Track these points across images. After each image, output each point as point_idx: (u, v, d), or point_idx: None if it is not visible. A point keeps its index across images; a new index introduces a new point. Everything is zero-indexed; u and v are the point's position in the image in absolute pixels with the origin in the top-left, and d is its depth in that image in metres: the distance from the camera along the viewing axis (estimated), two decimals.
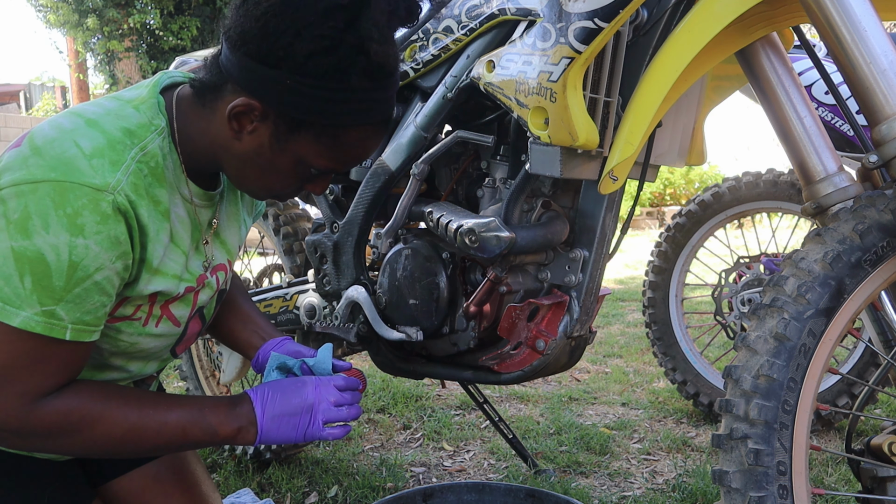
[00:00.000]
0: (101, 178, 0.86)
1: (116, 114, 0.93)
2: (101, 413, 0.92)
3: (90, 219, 0.85)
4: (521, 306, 1.33)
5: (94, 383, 0.96)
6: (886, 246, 0.95)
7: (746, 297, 2.34)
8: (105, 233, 0.86)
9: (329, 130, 0.93)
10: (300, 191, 1.03)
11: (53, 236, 0.83)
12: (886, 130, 1.00)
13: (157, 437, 0.95)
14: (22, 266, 0.83)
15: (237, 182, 1.02)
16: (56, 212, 0.83)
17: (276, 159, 0.95)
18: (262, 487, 1.97)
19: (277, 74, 0.88)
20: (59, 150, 0.86)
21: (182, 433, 0.96)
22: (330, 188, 1.61)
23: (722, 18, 1.09)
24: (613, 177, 1.20)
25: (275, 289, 1.82)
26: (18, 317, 0.83)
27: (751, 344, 0.97)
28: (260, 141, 0.94)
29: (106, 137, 0.89)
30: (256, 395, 1.01)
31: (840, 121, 2.06)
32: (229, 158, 0.98)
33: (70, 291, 0.85)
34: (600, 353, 3.49)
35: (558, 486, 1.91)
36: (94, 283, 0.87)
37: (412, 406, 2.63)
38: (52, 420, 0.89)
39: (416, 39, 1.42)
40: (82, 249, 0.84)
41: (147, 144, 0.93)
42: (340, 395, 1.04)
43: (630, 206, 1.76)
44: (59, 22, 10.79)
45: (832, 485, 1.91)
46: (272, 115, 0.92)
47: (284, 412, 1.00)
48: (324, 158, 0.96)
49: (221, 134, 0.96)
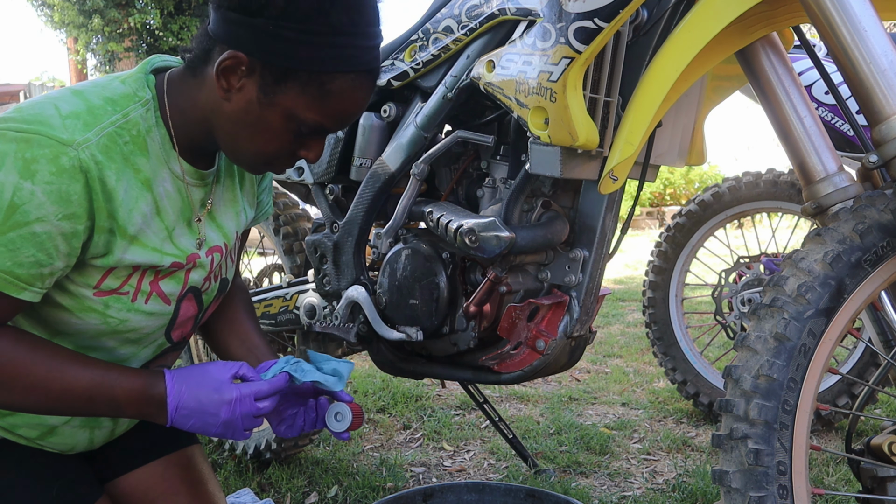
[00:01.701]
0: (70, 134, 0.88)
1: (103, 86, 0.96)
2: (7, 360, 0.90)
3: (45, 168, 0.85)
4: (521, 306, 1.33)
5: (17, 331, 0.94)
6: (886, 246, 0.95)
7: (746, 297, 2.34)
8: (56, 185, 0.86)
9: (314, 78, 0.93)
10: (294, 157, 1.03)
11: (3, 174, 0.84)
12: (886, 130, 1.00)
13: (57, 400, 0.93)
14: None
15: (230, 150, 1.02)
16: (14, 155, 0.85)
17: (265, 116, 0.96)
18: (262, 487, 1.97)
19: (260, 22, 0.90)
20: (37, 109, 0.89)
21: (88, 401, 0.95)
22: (330, 188, 1.61)
23: (722, 18, 1.09)
24: (613, 177, 1.20)
25: (275, 289, 1.82)
26: None
27: (751, 344, 0.97)
28: (248, 97, 0.95)
29: (87, 104, 0.92)
30: (173, 387, 0.98)
31: (840, 121, 2.06)
32: (221, 123, 0.98)
33: (3, 234, 0.85)
34: (600, 353, 3.49)
35: (558, 486, 1.91)
36: (30, 233, 0.86)
37: (412, 406, 2.63)
38: None
39: (416, 39, 1.42)
40: (27, 194, 0.85)
41: (129, 113, 0.95)
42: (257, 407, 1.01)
43: (630, 206, 1.76)
44: (62, 22, 10.80)
45: (832, 485, 1.91)
46: (258, 67, 0.93)
47: (198, 410, 0.98)
48: (312, 111, 0.96)
49: (212, 98, 0.97)
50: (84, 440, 1.11)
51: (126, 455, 1.21)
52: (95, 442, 1.13)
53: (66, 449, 1.10)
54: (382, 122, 1.51)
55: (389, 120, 1.50)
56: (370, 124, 1.51)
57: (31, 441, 1.06)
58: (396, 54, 1.47)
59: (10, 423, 1.03)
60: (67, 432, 1.07)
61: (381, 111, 1.51)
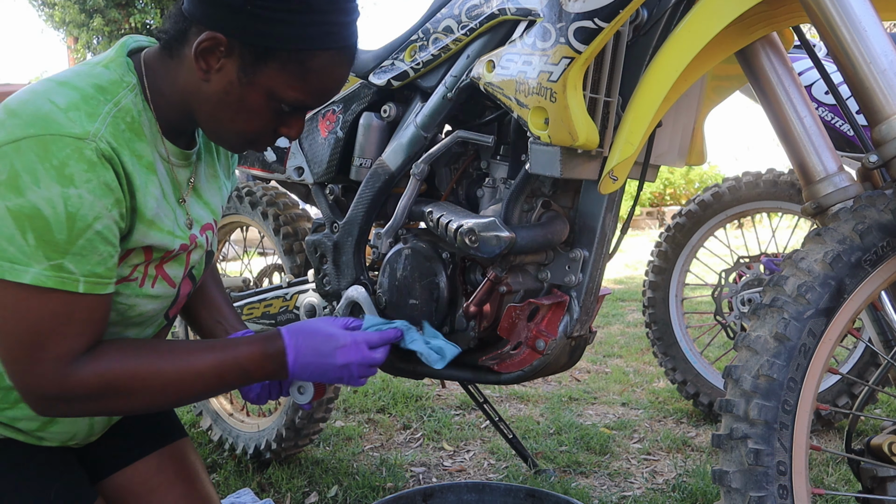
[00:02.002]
0: (80, 127, 0.87)
1: (87, 73, 0.95)
2: (137, 370, 0.94)
3: (77, 168, 0.85)
4: (521, 306, 1.33)
5: (123, 341, 0.99)
6: (886, 246, 0.95)
7: (746, 297, 2.34)
8: (95, 180, 0.87)
9: (294, 56, 0.94)
10: (275, 135, 1.03)
11: (45, 189, 0.84)
12: (886, 130, 1.00)
13: (192, 388, 0.99)
14: (21, 224, 0.84)
15: (211, 131, 1.02)
16: (42, 165, 0.84)
17: (246, 95, 0.96)
18: (262, 487, 1.97)
19: (238, 3, 0.90)
20: (33, 108, 0.87)
21: (219, 379, 1.00)
22: (330, 188, 1.61)
23: (722, 18, 1.09)
24: (613, 177, 1.20)
25: (275, 289, 1.82)
26: (28, 274, 0.84)
27: (751, 344, 0.97)
28: (228, 78, 0.95)
29: (79, 93, 0.91)
30: (290, 341, 1.04)
31: (840, 121, 2.06)
32: (201, 104, 0.98)
33: (73, 244, 0.86)
34: (600, 353, 3.49)
35: (558, 486, 1.91)
36: (96, 234, 0.88)
37: (412, 406, 2.63)
38: (91, 382, 0.91)
39: (416, 39, 1.42)
40: (76, 199, 0.85)
41: (120, 100, 0.94)
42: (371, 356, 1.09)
43: (630, 206, 1.76)
44: (63, 21, 10.80)
45: (832, 485, 1.91)
46: (237, 47, 0.93)
47: (315, 358, 1.05)
48: (292, 89, 0.96)
49: (191, 80, 0.97)
50: (84, 427, 1.11)
51: (119, 451, 1.22)
52: (95, 429, 1.14)
53: (66, 439, 1.10)
54: (382, 122, 1.51)
55: (389, 120, 1.50)
56: (370, 124, 1.51)
57: (31, 434, 1.06)
58: (396, 54, 1.47)
59: (11, 417, 1.03)
60: (67, 419, 1.08)
61: (381, 111, 1.51)
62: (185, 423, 2.44)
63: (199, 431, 2.36)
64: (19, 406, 1.02)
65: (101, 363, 0.92)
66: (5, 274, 0.84)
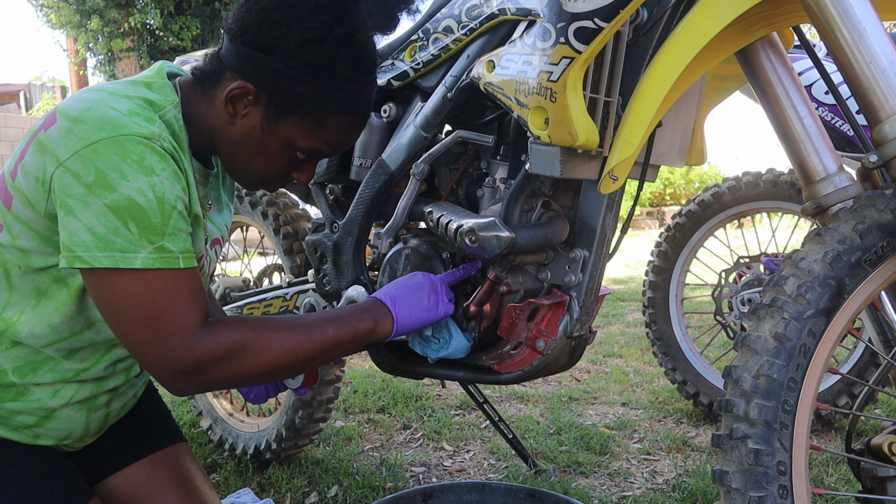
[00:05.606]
0: (146, 129, 0.96)
1: (133, 89, 1.03)
2: (257, 330, 1.01)
3: (153, 159, 0.94)
4: (521, 306, 1.33)
5: (236, 317, 1.06)
6: (886, 246, 0.95)
7: (746, 297, 2.34)
8: (168, 168, 0.96)
9: (313, 114, 1.04)
10: (287, 179, 1.13)
11: (134, 181, 0.92)
12: (886, 130, 1.00)
13: (322, 349, 1.06)
14: (122, 216, 0.92)
15: (229, 166, 1.11)
16: (125, 161, 0.92)
17: (265, 141, 1.06)
18: (262, 487, 1.97)
19: (271, 60, 1.00)
20: (98, 113, 0.94)
21: (334, 345, 1.08)
22: (330, 188, 1.61)
23: (722, 18, 1.09)
24: (613, 177, 1.20)
25: (275, 289, 1.82)
26: (138, 259, 0.93)
27: (751, 344, 0.97)
28: (252, 124, 1.05)
29: (133, 103, 0.99)
30: (386, 297, 1.17)
31: (840, 121, 2.06)
32: (224, 142, 1.08)
33: (167, 225, 0.95)
34: (600, 353, 3.49)
35: (558, 486, 1.91)
36: (178, 213, 0.97)
37: (412, 406, 2.63)
38: (219, 347, 0.97)
39: (416, 39, 1.42)
40: (160, 185, 0.94)
41: (165, 114, 1.03)
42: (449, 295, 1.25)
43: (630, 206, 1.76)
44: (60, 23, 10.79)
45: (832, 485, 1.91)
46: (264, 98, 1.03)
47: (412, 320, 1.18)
48: (309, 139, 1.06)
49: (218, 119, 1.06)
50: (81, 424, 1.11)
51: (113, 455, 1.23)
52: (91, 427, 1.14)
53: (62, 436, 1.11)
54: (382, 122, 1.51)
55: (389, 120, 1.50)
56: (370, 124, 1.51)
57: (28, 430, 1.06)
58: (396, 54, 1.47)
59: (10, 410, 1.04)
60: (65, 415, 1.09)
61: (381, 111, 1.51)
62: (185, 424, 2.44)
63: (199, 431, 2.36)
64: (22, 399, 1.04)
65: (223, 328, 0.98)
66: (119, 263, 0.92)
